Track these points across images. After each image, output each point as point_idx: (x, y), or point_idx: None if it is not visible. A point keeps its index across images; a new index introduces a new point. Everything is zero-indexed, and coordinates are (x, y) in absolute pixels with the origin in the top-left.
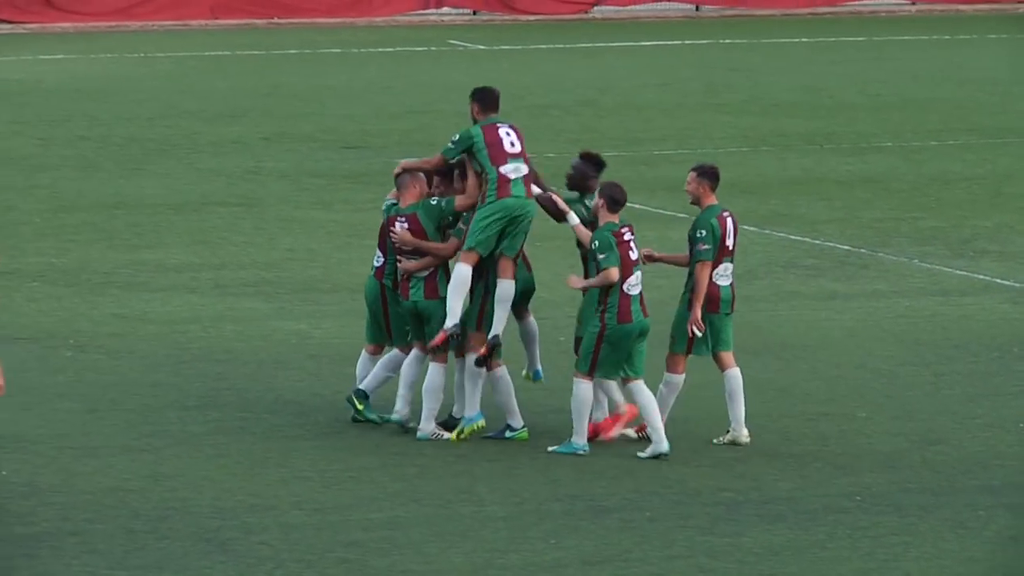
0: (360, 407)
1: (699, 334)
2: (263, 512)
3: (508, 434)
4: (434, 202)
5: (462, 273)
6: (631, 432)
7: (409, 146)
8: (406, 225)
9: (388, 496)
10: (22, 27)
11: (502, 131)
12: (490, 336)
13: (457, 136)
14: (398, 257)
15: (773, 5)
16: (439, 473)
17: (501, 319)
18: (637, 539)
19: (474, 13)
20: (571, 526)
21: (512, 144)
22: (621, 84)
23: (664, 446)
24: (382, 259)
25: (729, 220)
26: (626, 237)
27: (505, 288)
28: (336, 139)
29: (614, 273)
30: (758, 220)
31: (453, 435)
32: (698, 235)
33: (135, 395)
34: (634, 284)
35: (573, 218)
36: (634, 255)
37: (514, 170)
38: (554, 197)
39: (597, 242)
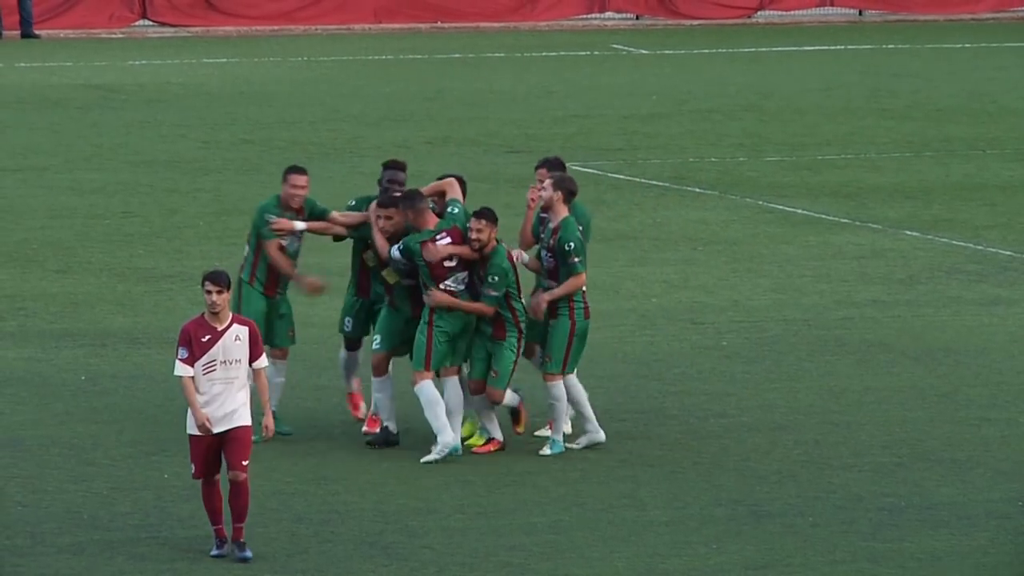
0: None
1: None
2: (425, 516)
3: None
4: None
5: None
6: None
7: (572, 150)
8: (448, 240)
9: (551, 500)
10: (185, 31)
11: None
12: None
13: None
14: (428, 289)
15: (936, 10)
16: (602, 478)
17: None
18: (799, 544)
19: (637, 17)
20: (733, 531)
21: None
22: (784, 89)
23: (601, 435)
24: None
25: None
26: None
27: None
28: (499, 143)
29: (584, 279)
30: (921, 225)
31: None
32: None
33: (299, 398)
34: None
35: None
36: None
37: None
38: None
39: (572, 244)
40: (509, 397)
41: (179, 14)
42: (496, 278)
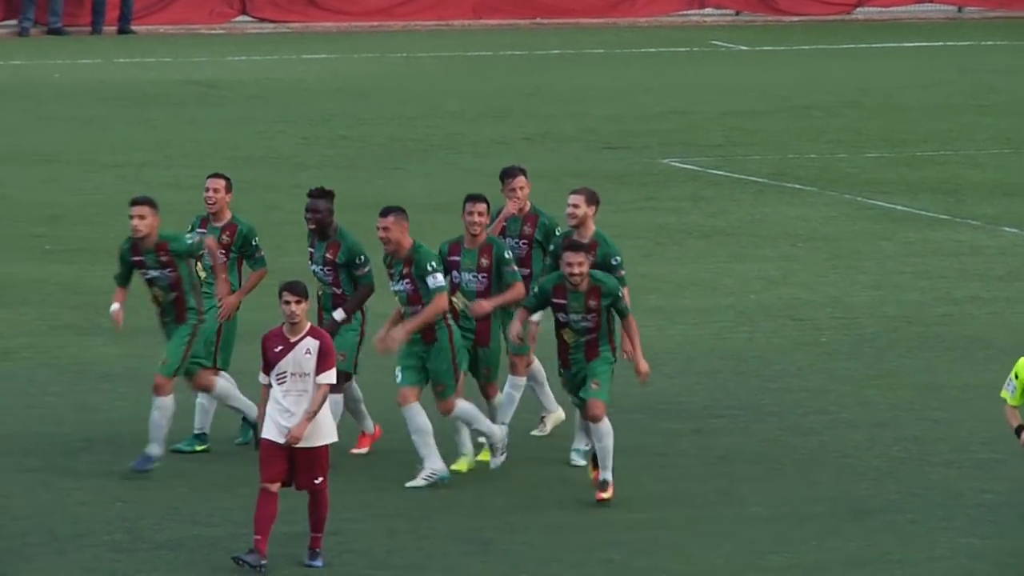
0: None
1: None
2: (525, 512)
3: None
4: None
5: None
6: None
7: (671, 146)
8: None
9: (650, 497)
10: (285, 27)
11: None
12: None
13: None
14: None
15: None
16: (701, 474)
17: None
18: (899, 541)
19: (736, 13)
20: (832, 528)
21: None
22: (883, 85)
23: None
24: None
25: None
26: None
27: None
28: (598, 139)
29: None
30: (1020, 222)
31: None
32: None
33: (389, 398)
34: None
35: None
36: None
37: None
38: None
39: (619, 257)
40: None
41: (279, 10)
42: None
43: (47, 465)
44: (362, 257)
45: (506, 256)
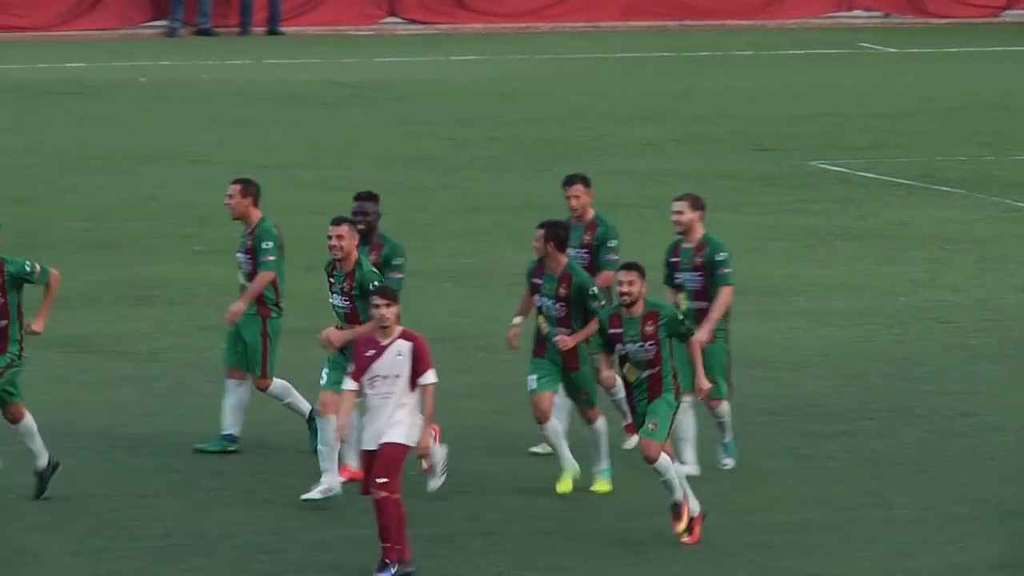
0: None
1: None
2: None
3: None
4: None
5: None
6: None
7: (818, 148)
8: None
9: (797, 499)
10: (433, 28)
11: None
12: None
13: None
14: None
15: None
16: (848, 477)
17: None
18: None
19: (885, 15)
20: (979, 530)
21: None
22: None
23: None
24: None
25: None
26: None
27: None
28: (746, 141)
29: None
30: None
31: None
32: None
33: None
34: None
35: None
36: None
37: None
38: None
39: (725, 252)
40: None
41: (427, 11)
42: (597, 288)
43: (195, 466)
44: (400, 260)
45: (590, 290)
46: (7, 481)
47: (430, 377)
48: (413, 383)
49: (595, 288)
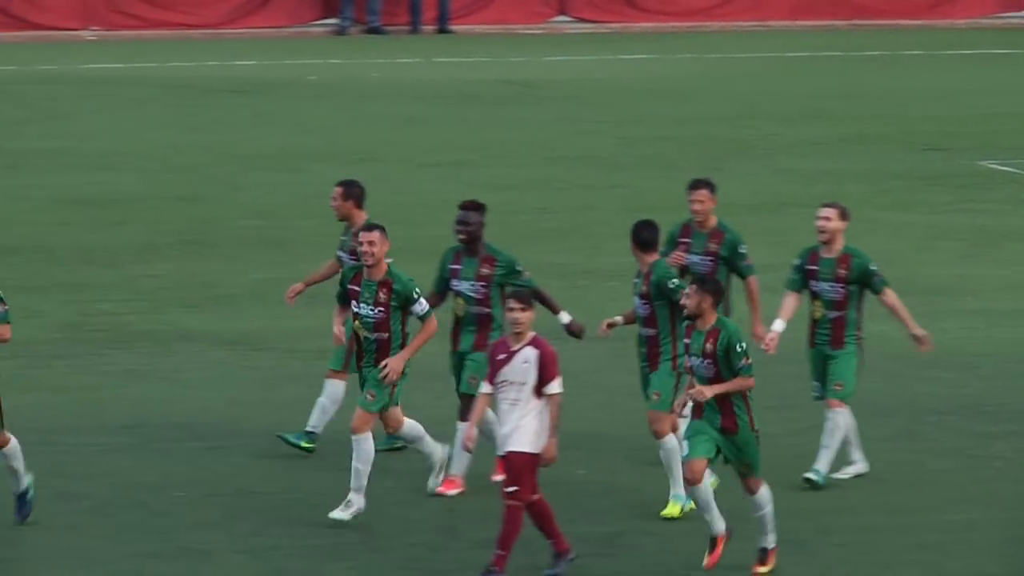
0: None
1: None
2: (840, 514)
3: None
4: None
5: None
6: None
7: (988, 149)
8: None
9: (965, 499)
10: (603, 27)
11: None
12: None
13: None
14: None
15: None
16: (1016, 476)
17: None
18: None
19: None
20: None
21: None
22: None
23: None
24: None
25: None
26: None
27: None
28: (915, 141)
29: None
30: None
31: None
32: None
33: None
34: None
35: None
36: None
37: None
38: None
39: (874, 265)
40: None
41: (597, 10)
42: (677, 280)
43: None
44: (520, 266)
45: (670, 285)
46: (178, 479)
47: (555, 387)
48: (539, 391)
49: (675, 280)
